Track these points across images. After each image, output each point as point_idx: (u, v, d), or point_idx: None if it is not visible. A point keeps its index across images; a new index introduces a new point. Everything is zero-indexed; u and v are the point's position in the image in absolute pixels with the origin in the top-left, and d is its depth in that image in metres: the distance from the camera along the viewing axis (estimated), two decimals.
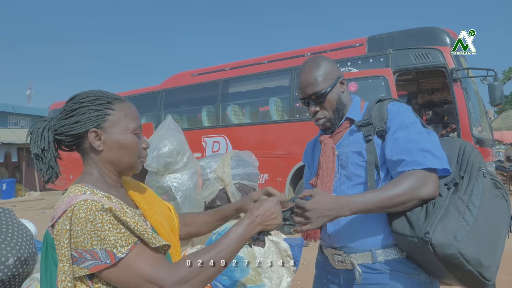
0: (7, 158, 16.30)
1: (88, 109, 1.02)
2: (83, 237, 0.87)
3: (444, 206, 1.13)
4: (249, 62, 8.19)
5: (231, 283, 2.62)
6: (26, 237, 2.27)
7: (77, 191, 0.95)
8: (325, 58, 1.40)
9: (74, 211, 0.89)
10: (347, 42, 6.77)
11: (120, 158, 1.04)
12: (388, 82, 5.90)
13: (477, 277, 1.08)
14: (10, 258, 2.04)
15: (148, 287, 0.90)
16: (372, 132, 1.30)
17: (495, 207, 1.16)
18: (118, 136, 1.03)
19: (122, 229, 0.90)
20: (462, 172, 1.20)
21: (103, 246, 0.87)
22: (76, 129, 1.02)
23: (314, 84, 1.33)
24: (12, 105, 23.94)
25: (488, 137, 6.41)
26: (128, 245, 0.90)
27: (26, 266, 2.14)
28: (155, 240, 0.94)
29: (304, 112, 7.21)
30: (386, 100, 1.36)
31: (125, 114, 1.06)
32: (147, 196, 1.16)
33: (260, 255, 2.75)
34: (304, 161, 1.65)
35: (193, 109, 8.83)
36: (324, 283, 1.39)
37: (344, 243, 1.28)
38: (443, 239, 1.06)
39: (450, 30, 6.19)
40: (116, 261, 0.88)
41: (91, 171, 1.04)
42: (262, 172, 6.68)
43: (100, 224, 0.88)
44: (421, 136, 1.23)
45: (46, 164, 1.03)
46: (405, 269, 1.21)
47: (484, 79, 5.51)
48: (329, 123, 1.37)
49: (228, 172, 3.61)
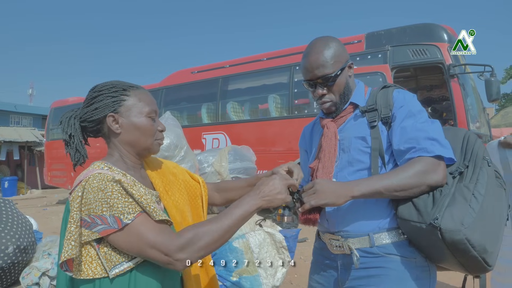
0: (9, 156, 16.38)
1: (106, 96, 1.11)
2: (95, 204, 0.96)
3: (450, 194, 1.15)
4: (248, 59, 8.22)
5: (226, 273, 2.67)
6: (26, 226, 2.33)
7: (96, 166, 1.06)
8: (335, 39, 1.34)
9: (88, 181, 0.98)
10: (345, 39, 6.78)
11: (137, 139, 1.13)
12: (386, 78, 5.92)
13: (481, 262, 1.10)
14: (10, 246, 2.10)
15: (151, 252, 0.96)
16: (377, 118, 1.29)
17: (497, 196, 1.19)
18: (133, 119, 1.12)
19: (129, 198, 0.99)
20: (467, 161, 1.22)
21: (111, 212, 0.95)
22: (96, 114, 1.11)
23: (325, 66, 1.28)
24: (14, 104, 24.00)
25: (485, 133, 6.43)
26: (135, 212, 0.97)
27: (25, 255, 2.19)
28: (155, 214, 1.00)
29: (303, 109, 7.25)
30: (391, 87, 1.34)
31: (139, 99, 1.14)
32: (167, 177, 1.25)
33: (255, 246, 2.80)
34: (300, 145, 1.62)
35: (193, 106, 8.87)
36: (322, 268, 1.39)
37: (341, 228, 1.28)
38: (451, 225, 1.07)
39: (447, 26, 6.21)
40: (122, 226, 0.95)
41: (112, 153, 1.14)
42: (261, 168, 6.71)
43: (110, 193, 0.97)
44: (427, 125, 1.23)
45: (73, 149, 1.12)
46: (403, 252, 1.22)
47: (481, 75, 5.53)
48: (334, 107, 1.34)
49: (225, 166, 3.65)
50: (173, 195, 1.21)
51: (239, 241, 2.67)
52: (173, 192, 1.22)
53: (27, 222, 2.36)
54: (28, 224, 2.34)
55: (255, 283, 2.66)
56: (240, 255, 2.64)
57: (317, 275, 1.42)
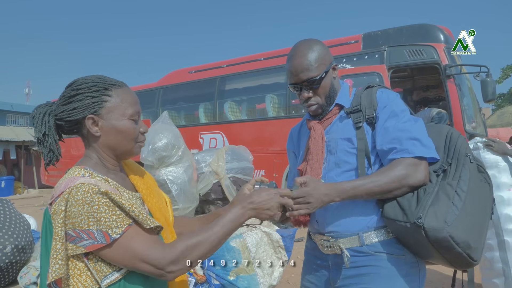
0: (6, 155, 16.32)
1: (86, 96, 1.03)
2: (80, 218, 0.90)
3: (434, 192, 1.17)
4: (245, 59, 8.23)
5: (223, 273, 2.68)
6: (24, 226, 2.33)
7: (76, 173, 0.99)
8: (319, 42, 1.36)
9: (71, 193, 0.92)
10: (342, 39, 6.81)
11: (118, 143, 1.06)
12: (382, 79, 5.94)
13: (465, 258, 1.13)
14: (8, 246, 2.10)
15: (143, 266, 0.94)
16: (362, 119, 1.30)
17: (480, 191, 1.21)
18: (114, 122, 1.05)
19: (117, 211, 0.94)
20: (450, 158, 1.24)
21: (99, 227, 0.91)
22: (74, 115, 1.03)
23: (309, 69, 1.29)
24: (10, 103, 23.91)
25: (481, 133, 6.47)
26: (123, 226, 0.93)
27: (23, 254, 2.20)
28: (149, 221, 0.97)
29: (300, 109, 7.27)
30: (375, 87, 1.36)
31: (122, 100, 1.07)
32: (146, 181, 1.19)
33: (252, 245, 2.81)
34: (288, 147, 1.63)
35: (190, 106, 8.86)
36: (314, 268, 1.41)
37: (331, 229, 1.31)
38: (434, 223, 1.10)
39: (444, 27, 6.25)
40: (111, 241, 0.91)
41: (90, 154, 1.07)
42: (258, 168, 6.73)
43: (97, 206, 0.91)
44: (410, 124, 1.25)
45: (47, 148, 1.05)
46: (392, 250, 1.24)
47: (477, 75, 5.56)
48: (320, 110, 1.36)
49: (222, 166, 3.66)
50: (154, 198, 1.16)
51: (236, 241, 2.69)
52: (153, 195, 1.17)
53: (25, 221, 2.37)
54: (26, 223, 2.35)
55: (252, 282, 2.68)
56: (237, 254, 2.66)
57: (309, 275, 1.44)
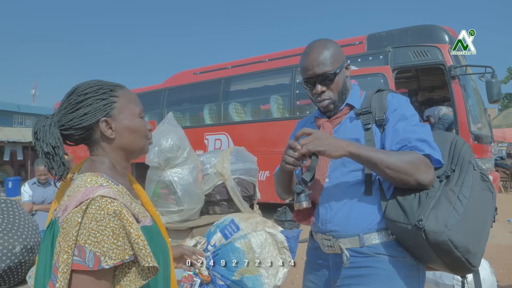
0: (13, 156, 16.48)
1: (95, 99, 1.00)
2: (83, 231, 0.85)
3: (436, 196, 1.18)
4: (250, 60, 8.27)
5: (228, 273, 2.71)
6: (32, 226, 2.37)
7: (93, 182, 0.92)
8: (333, 41, 1.39)
9: (89, 205, 0.86)
10: (347, 40, 6.82)
11: (131, 142, 1.05)
12: (387, 80, 5.95)
13: (464, 263, 1.14)
14: (17, 246, 2.13)
15: None
16: (371, 121, 1.32)
17: (482, 199, 1.22)
18: (127, 122, 1.04)
19: (119, 241, 0.87)
20: (454, 165, 1.25)
21: (94, 248, 0.84)
22: (86, 121, 0.99)
23: (324, 64, 1.31)
24: (17, 105, 24.14)
25: (486, 134, 6.45)
26: (116, 259, 0.86)
27: (32, 254, 2.23)
28: (150, 259, 0.90)
29: (305, 110, 7.28)
30: (386, 91, 1.39)
31: (128, 100, 1.06)
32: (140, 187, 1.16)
33: (257, 246, 2.83)
34: None
35: (195, 107, 8.91)
36: (315, 267, 1.43)
37: (333, 228, 1.32)
38: (435, 227, 1.11)
39: (448, 27, 6.24)
40: (98, 268, 0.84)
41: (102, 159, 1.03)
42: (263, 169, 6.74)
43: (103, 227, 0.85)
44: (418, 128, 1.27)
45: (58, 162, 0.98)
46: (392, 252, 1.25)
47: (482, 76, 5.55)
48: (332, 105, 1.37)
49: (227, 167, 3.68)
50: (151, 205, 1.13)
51: (241, 242, 2.69)
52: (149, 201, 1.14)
53: (33, 222, 2.41)
54: (34, 224, 2.38)
55: (257, 282, 2.69)
56: (242, 255, 2.67)
57: (310, 275, 1.46)
